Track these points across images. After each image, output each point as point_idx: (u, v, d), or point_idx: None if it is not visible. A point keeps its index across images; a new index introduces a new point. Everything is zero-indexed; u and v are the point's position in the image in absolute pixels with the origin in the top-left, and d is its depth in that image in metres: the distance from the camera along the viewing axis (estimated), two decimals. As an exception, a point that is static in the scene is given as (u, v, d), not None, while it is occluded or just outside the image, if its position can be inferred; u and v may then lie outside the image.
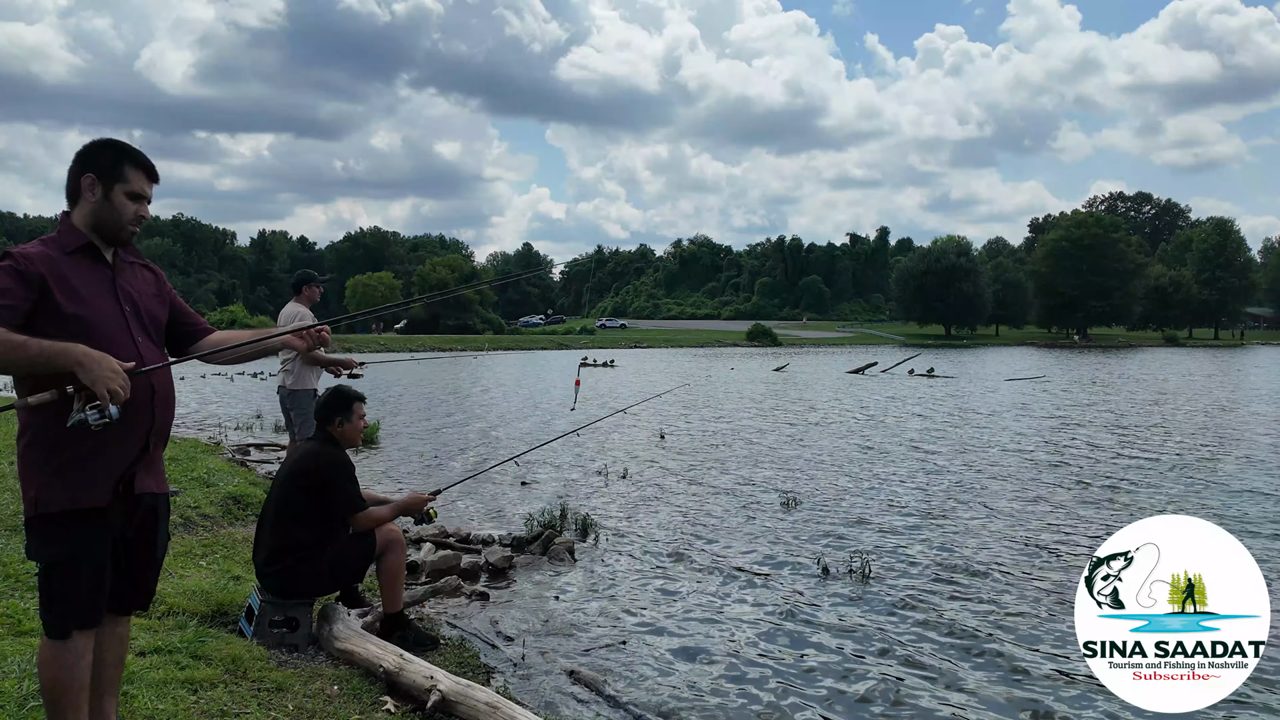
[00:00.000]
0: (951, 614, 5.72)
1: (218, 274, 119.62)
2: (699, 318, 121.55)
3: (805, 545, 7.45)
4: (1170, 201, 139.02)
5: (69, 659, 2.58)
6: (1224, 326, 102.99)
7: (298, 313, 7.25)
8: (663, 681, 4.62)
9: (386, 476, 10.81)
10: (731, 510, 8.92)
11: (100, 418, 2.39)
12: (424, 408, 20.04)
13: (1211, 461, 12.16)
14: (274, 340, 3.06)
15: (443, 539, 7.12)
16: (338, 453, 4.60)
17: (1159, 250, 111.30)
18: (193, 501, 7.11)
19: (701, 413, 19.17)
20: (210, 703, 3.47)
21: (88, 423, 2.38)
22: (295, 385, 7.24)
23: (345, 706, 3.70)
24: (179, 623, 4.35)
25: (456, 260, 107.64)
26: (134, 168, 2.65)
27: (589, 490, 9.90)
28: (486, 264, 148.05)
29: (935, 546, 7.43)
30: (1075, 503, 9.32)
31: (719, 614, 5.71)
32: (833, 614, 5.71)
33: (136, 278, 2.76)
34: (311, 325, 3.03)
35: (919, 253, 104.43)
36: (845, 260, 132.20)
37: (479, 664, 4.67)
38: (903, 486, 10.24)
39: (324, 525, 4.50)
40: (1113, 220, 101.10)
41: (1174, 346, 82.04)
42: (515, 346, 71.04)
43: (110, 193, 2.61)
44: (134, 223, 2.66)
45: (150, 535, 2.77)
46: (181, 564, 5.55)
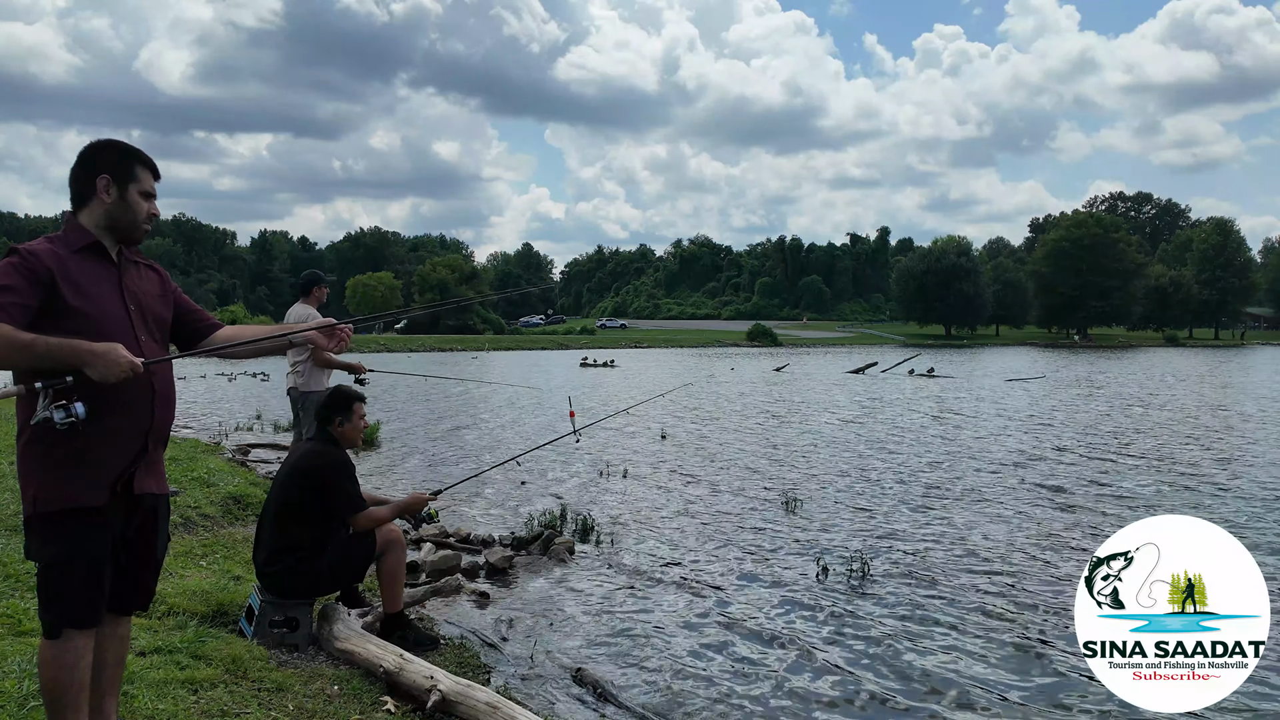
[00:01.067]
0: (951, 614, 5.72)
1: (218, 274, 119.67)
2: (699, 318, 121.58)
3: (805, 545, 7.45)
4: (1170, 201, 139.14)
5: (69, 659, 2.58)
6: (1224, 326, 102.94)
7: (306, 313, 7.24)
8: (663, 681, 4.62)
9: (388, 476, 10.80)
10: (732, 510, 8.92)
11: (66, 417, 2.37)
12: (425, 408, 20.04)
13: (1210, 462, 12.16)
14: (296, 336, 3.03)
15: (443, 539, 7.12)
16: (338, 453, 4.60)
17: (1159, 250, 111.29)
18: (193, 501, 7.11)
19: (702, 413, 19.17)
20: (210, 703, 3.47)
21: (53, 421, 2.36)
22: (306, 386, 7.22)
23: (345, 706, 3.70)
24: (179, 623, 4.36)
25: (456, 260, 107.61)
26: (142, 167, 2.68)
27: (589, 490, 9.90)
28: (487, 264, 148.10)
29: (935, 546, 7.43)
30: (1075, 503, 9.31)
31: (719, 614, 5.71)
32: (832, 614, 5.71)
33: (141, 277, 2.76)
34: (336, 323, 3.00)
35: (919, 253, 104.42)
36: (845, 260, 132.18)
37: (479, 664, 4.67)
38: (903, 487, 10.24)
39: (324, 525, 4.50)
40: (1113, 220, 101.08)
41: (1174, 346, 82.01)
42: (515, 347, 71.05)
43: (125, 193, 2.64)
44: (148, 221, 2.70)
45: (150, 535, 2.77)
46: (182, 564, 5.55)
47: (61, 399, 2.38)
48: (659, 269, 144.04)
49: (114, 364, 2.40)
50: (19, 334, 2.36)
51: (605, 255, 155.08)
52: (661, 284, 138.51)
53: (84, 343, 2.41)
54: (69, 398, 2.39)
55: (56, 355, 2.38)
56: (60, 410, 2.37)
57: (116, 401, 2.54)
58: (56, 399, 2.38)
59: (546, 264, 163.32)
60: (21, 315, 2.40)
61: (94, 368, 2.38)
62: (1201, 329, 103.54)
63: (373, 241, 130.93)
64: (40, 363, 2.39)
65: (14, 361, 2.38)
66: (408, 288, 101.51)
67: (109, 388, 2.45)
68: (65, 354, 2.38)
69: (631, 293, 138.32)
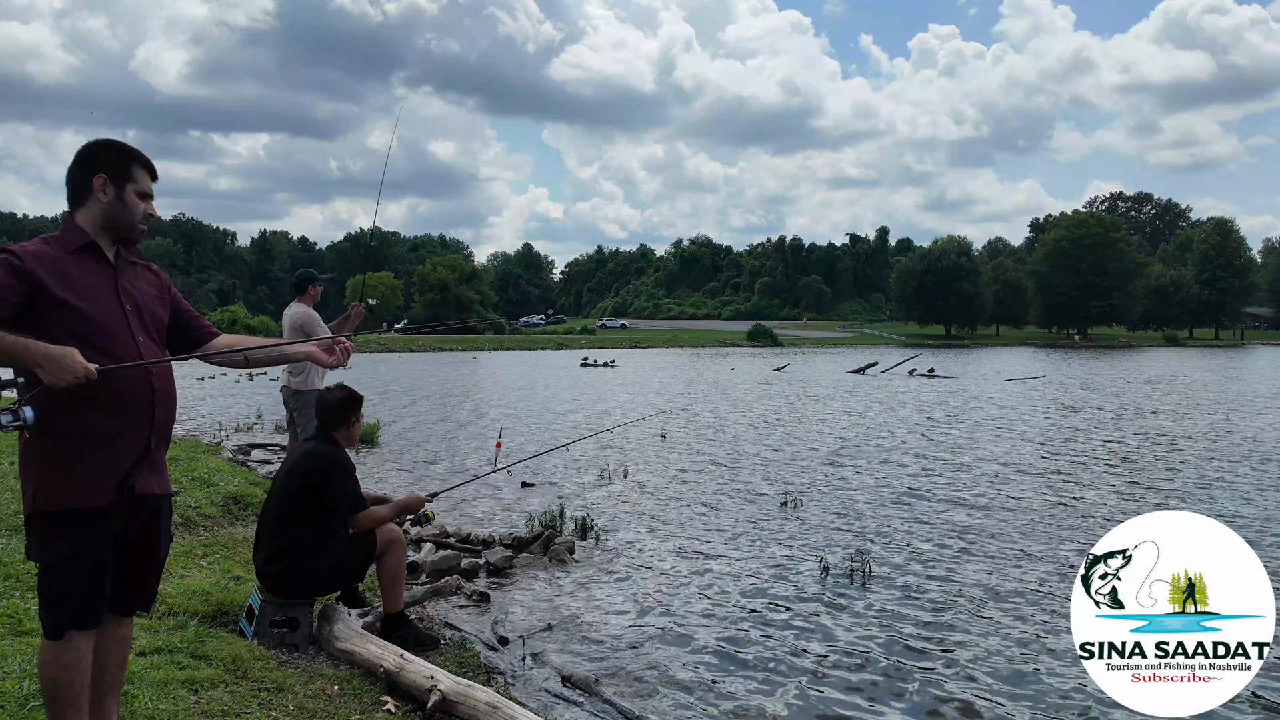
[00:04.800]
0: (951, 614, 5.72)
1: (218, 274, 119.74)
2: (699, 318, 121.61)
3: (805, 544, 7.45)
4: (1171, 201, 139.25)
5: (69, 659, 2.58)
6: (1224, 326, 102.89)
7: (301, 312, 7.23)
8: (663, 681, 4.62)
9: (388, 476, 10.80)
10: (732, 509, 8.92)
11: (14, 420, 2.35)
12: (425, 408, 20.04)
13: (1212, 459, 12.16)
14: (295, 350, 3.05)
15: (443, 539, 7.12)
16: (339, 452, 4.60)
17: (1159, 250, 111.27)
18: (193, 501, 7.11)
19: (702, 412, 19.18)
20: (211, 703, 3.47)
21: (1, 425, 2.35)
22: (300, 385, 7.21)
23: (346, 706, 3.70)
24: (179, 623, 4.36)
25: (457, 260, 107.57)
26: (140, 167, 2.67)
27: (589, 490, 9.89)
28: (487, 264, 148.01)
29: (935, 546, 7.43)
30: (1078, 502, 9.31)
31: (719, 614, 5.71)
32: (832, 613, 5.71)
33: (139, 278, 2.76)
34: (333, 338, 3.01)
35: (919, 253, 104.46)
36: (845, 260, 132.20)
37: (479, 664, 4.67)
38: (903, 486, 10.24)
39: (325, 525, 4.50)
40: (1113, 220, 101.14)
41: (1174, 346, 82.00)
42: (516, 347, 71.04)
43: (123, 193, 2.63)
44: (144, 221, 2.69)
45: (152, 536, 2.77)
46: (182, 564, 5.55)
47: (10, 405, 2.36)
48: (659, 269, 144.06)
49: (65, 369, 2.35)
50: None
51: (605, 255, 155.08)
52: (662, 284, 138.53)
53: (40, 345, 2.37)
54: (19, 401, 2.37)
55: (14, 354, 2.37)
56: (8, 414, 2.34)
57: (116, 402, 2.54)
58: (8, 404, 2.37)
59: (547, 264, 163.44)
60: (8, 313, 2.40)
61: (45, 370, 2.35)
62: (1202, 329, 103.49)
63: (373, 241, 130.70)
64: (2, 359, 2.39)
65: None
66: (408, 287, 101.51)
67: (104, 388, 2.44)
68: (21, 354, 2.36)
69: (632, 293, 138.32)
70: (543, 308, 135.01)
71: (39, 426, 2.41)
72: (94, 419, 2.52)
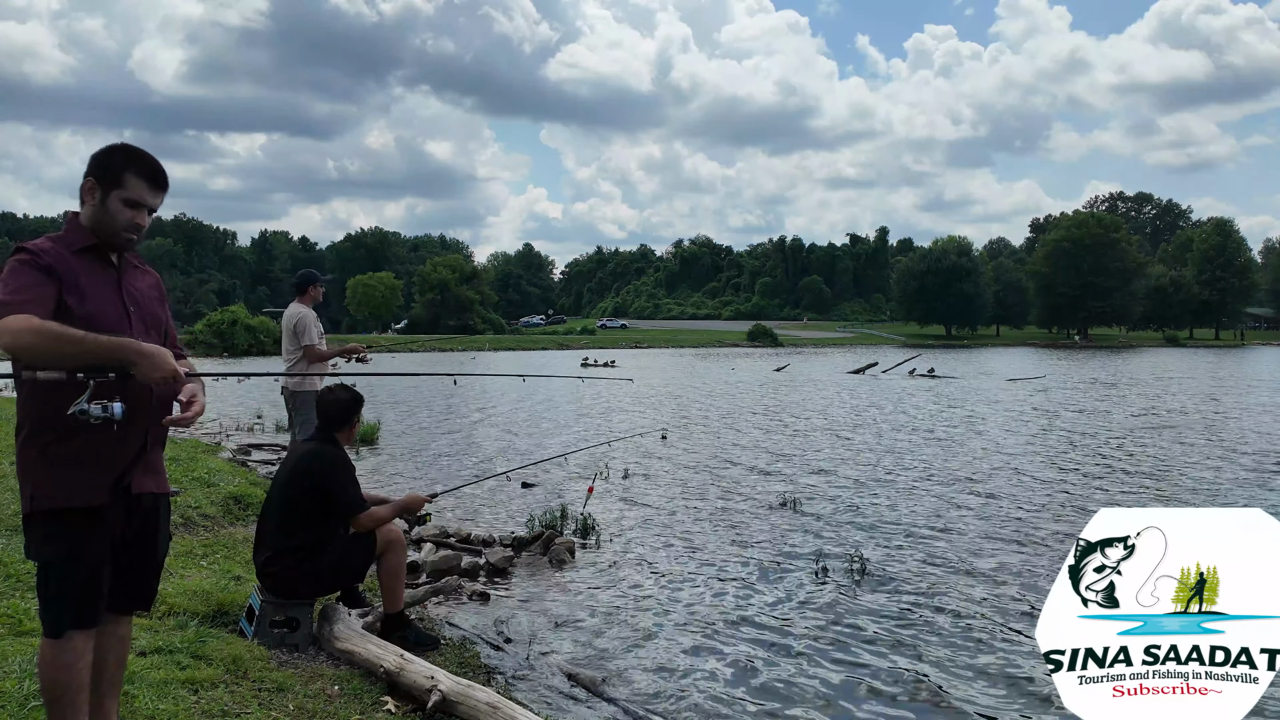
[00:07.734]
0: (951, 615, 5.72)
1: (218, 274, 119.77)
2: (699, 318, 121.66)
3: (804, 545, 7.46)
4: (1171, 202, 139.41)
5: (68, 659, 2.58)
6: (1224, 326, 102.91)
7: (296, 313, 7.23)
8: (663, 681, 4.63)
9: (388, 476, 10.81)
10: (731, 510, 8.93)
11: (103, 412, 2.39)
12: (425, 408, 20.05)
13: (1220, 460, 12.16)
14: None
15: (443, 539, 7.13)
16: (339, 453, 4.60)
17: (1159, 250, 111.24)
18: (193, 501, 7.12)
19: (702, 413, 19.18)
20: (211, 703, 3.48)
21: (89, 414, 2.38)
22: (299, 386, 7.22)
23: (346, 707, 3.70)
24: (180, 623, 4.36)
25: (457, 260, 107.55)
26: (136, 175, 2.63)
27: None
28: (487, 264, 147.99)
29: (935, 546, 7.43)
30: (1081, 502, 9.31)
31: (719, 614, 5.71)
32: (832, 614, 5.72)
33: (140, 280, 2.78)
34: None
35: (919, 253, 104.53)
36: (845, 260, 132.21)
37: (480, 664, 4.67)
38: (902, 487, 10.24)
39: (325, 525, 4.50)
40: (1113, 220, 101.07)
41: (1174, 346, 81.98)
42: (516, 347, 71.05)
43: (106, 199, 2.61)
44: (128, 230, 2.63)
45: (151, 536, 2.77)
46: (182, 564, 5.56)
47: (102, 395, 2.40)
48: (659, 269, 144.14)
49: (158, 367, 2.45)
50: (71, 330, 2.37)
51: (605, 255, 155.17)
52: (662, 284, 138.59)
53: (133, 342, 2.45)
54: (109, 395, 2.41)
55: (106, 352, 2.41)
56: (99, 406, 2.39)
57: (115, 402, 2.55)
58: (97, 393, 2.40)
59: (547, 264, 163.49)
60: (49, 311, 2.42)
61: (140, 367, 2.42)
62: (1202, 329, 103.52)
63: (373, 241, 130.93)
64: (89, 360, 2.40)
65: (64, 356, 2.37)
66: (408, 288, 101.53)
67: (106, 388, 2.45)
68: (114, 351, 2.42)
69: (632, 293, 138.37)
70: (543, 308, 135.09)
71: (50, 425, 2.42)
72: None
